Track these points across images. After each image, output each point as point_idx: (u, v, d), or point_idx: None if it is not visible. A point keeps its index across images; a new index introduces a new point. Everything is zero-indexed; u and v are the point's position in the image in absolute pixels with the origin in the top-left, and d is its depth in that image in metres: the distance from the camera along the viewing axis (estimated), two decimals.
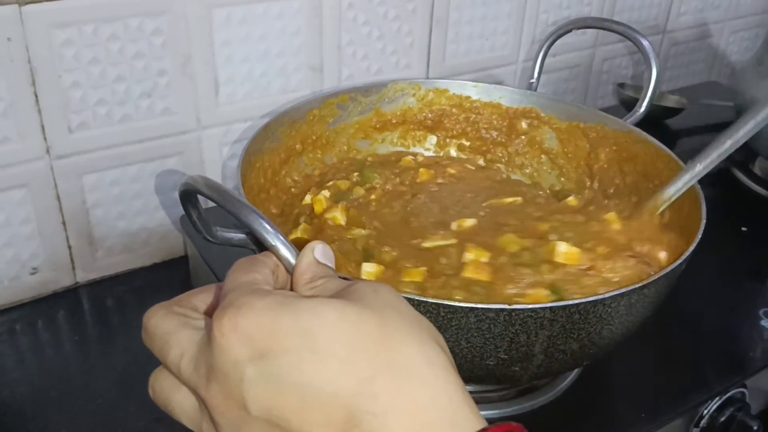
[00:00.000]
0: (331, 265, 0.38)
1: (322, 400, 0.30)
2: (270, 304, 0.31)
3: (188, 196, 0.43)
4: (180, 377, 0.33)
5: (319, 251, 0.38)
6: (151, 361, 0.36)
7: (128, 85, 0.68)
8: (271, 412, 0.30)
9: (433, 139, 0.78)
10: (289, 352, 0.30)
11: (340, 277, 0.38)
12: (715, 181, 0.96)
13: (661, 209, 0.59)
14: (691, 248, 0.51)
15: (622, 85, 1.08)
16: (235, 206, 0.39)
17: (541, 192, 0.71)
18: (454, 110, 0.77)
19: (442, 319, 0.45)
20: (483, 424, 0.31)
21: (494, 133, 0.77)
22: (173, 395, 0.34)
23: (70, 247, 0.71)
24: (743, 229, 0.84)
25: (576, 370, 0.62)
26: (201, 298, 0.37)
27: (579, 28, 0.79)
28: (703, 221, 0.54)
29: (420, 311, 0.44)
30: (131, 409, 0.59)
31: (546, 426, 0.58)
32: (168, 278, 0.76)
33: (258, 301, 0.31)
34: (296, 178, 0.70)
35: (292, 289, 0.37)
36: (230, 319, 0.31)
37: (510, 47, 0.94)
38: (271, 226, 0.38)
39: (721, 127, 1.04)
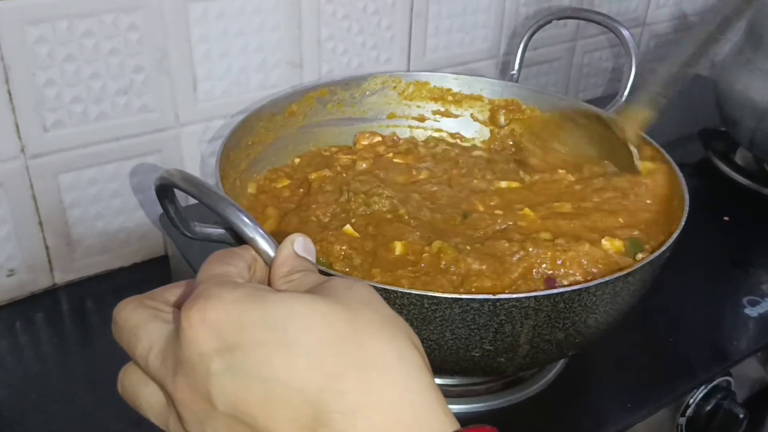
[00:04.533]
0: (312, 258, 0.38)
1: (288, 395, 0.29)
2: (240, 297, 0.31)
3: (164, 190, 0.42)
4: (147, 371, 0.33)
5: (300, 244, 0.37)
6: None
7: (104, 83, 0.66)
8: (237, 407, 0.29)
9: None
10: (256, 345, 0.29)
11: (320, 271, 0.37)
12: (697, 172, 0.96)
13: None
14: (675, 235, 0.51)
15: None
16: (212, 199, 0.38)
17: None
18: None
19: (426, 311, 0.44)
20: (455, 426, 0.30)
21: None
22: (141, 390, 0.33)
23: (47, 248, 0.70)
24: (725, 218, 0.85)
25: (561, 362, 0.62)
26: (174, 292, 0.36)
27: (559, 19, 0.79)
28: (686, 209, 0.54)
29: (404, 303, 0.44)
30: (111, 411, 0.58)
31: (532, 417, 0.58)
32: (148, 278, 0.75)
33: (228, 293, 0.31)
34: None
35: (269, 283, 0.37)
36: (198, 311, 0.30)
37: (490, 41, 0.94)
38: (250, 219, 0.37)
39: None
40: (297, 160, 0.72)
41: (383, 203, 0.61)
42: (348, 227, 0.58)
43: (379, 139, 0.75)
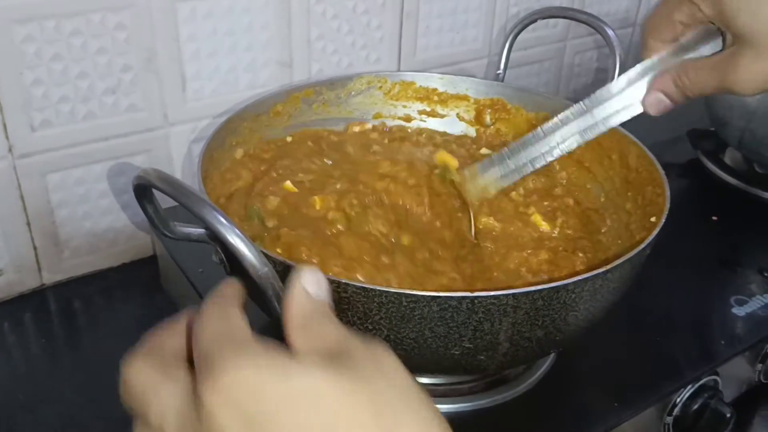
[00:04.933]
0: (323, 295, 0.35)
1: None
2: (259, 368, 0.30)
3: (142, 190, 0.42)
4: None
5: (310, 281, 0.35)
6: (118, 365, 0.34)
7: (92, 82, 0.67)
8: None
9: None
10: (280, 424, 0.28)
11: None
12: (685, 172, 0.96)
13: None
14: (655, 232, 0.51)
15: None
16: (189, 199, 0.38)
17: None
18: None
19: (405, 309, 0.44)
20: None
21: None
22: None
23: (35, 248, 0.70)
24: (714, 218, 0.85)
25: (548, 362, 0.62)
26: (177, 339, 0.35)
27: (543, 18, 0.79)
28: (667, 205, 0.54)
29: (382, 301, 0.44)
30: (98, 412, 0.58)
31: (518, 417, 0.58)
32: (136, 279, 0.75)
33: (245, 361, 0.30)
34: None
35: (283, 325, 0.35)
36: (216, 382, 0.29)
37: (481, 40, 0.94)
38: (226, 219, 0.37)
39: None
40: (289, 138, 0.72)
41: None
42: (288, 183, 0.62)
43: (370, 126, 0.76)
